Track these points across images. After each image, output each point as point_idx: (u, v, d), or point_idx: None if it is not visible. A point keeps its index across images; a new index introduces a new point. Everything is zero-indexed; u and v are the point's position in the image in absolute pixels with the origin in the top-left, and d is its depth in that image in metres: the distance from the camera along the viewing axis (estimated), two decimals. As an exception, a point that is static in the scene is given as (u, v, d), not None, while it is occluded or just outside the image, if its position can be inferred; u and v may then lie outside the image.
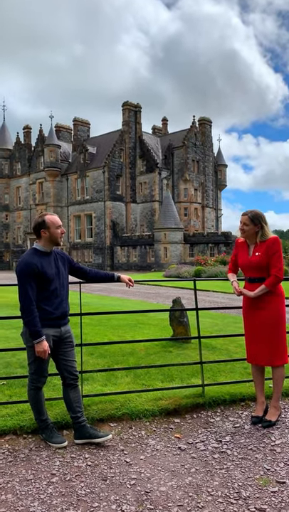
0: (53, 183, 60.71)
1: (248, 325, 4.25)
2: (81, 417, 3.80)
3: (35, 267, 3.56)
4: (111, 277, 4.15)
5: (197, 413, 4.39)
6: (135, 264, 51.27)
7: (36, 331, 3.54)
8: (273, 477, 3.19)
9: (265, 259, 4.00)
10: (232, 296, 16.76)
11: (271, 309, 4.06)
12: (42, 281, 3.62)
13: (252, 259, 4.08)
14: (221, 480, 3.17)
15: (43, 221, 3.70)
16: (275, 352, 4.07)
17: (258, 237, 4.04)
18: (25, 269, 3.56)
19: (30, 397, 3.81)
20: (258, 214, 4.06)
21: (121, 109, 57.75)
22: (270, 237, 4.02)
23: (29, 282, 3.56)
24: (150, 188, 56.20)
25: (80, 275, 4.09)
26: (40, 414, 3.80)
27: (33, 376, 3.75)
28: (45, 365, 3.74)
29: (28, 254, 3.68)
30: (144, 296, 17.24)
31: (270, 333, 4.06)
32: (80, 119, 65.55)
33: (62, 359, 3.80)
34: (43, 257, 3.68)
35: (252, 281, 4.13)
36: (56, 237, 3.73)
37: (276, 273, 3.96)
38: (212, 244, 46.46)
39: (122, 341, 5.04)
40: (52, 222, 3.71)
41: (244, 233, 4.09)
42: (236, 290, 4.20)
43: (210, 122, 61.97)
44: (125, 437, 3.90)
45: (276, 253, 3.98)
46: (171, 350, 6.37)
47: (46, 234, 3.69)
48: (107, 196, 54.84)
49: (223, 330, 8.18)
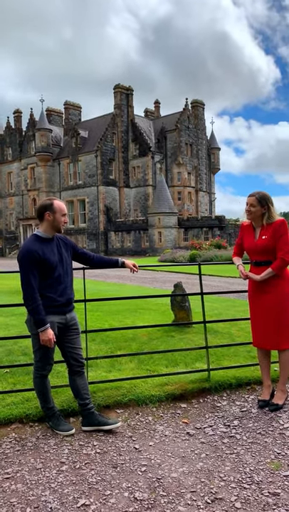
0: (44, 168, 60.04)
1: (253, 309, 4.20)
2: (89, 404, 3.76)
3: (36, 254, 3.47)
4: (115, 263, 4.07)
5: (203, 398, 4.37)
6: (129, 249, 51.16)
7: (40, 319, 3.46)
8: (285, 461, 3.18)
9: (272, 242, 3.93)
10: (228, 280, 16.79)
11: (278, 293, 4.01)
12: (45, 269, 3.53)
13: (258, 242, 4.01)
14: (232, 465, 3.15)
15: (51, 204, 3.60)
16: (282, 335, 4.03)
17: (264, 219, 3.96)
18: (27, 257, 3.46)
19: (36, 385, 3.76)
20: (265, 195, 3.98)
21: (112, 93, 56.91)
22: (276, 220, 3.95)
23: (31, 270, 3.47)
24: (143, 173, 55.78)
25: (84, 261, 4.00)
26: (47, 402, 3.76)
27: (39, 364, 3.69)
28: (50, 353, 3.68)
29: (30, 240, 3.58)
30: (141, 281, 17.20)
31: (277, 317, 4.01)
32: (71, 103, 64.56)
33: (68, 346, 3.74)
34: (44, 243, 3.58)
35: (258, 265, 4.07)
36: (59, 223, 3.63)
37: (283, 256, 3.90)
38: (206, 229, 46.41)
39: (128, 327, 4.99)
40: (59, 207, 3.61)
41: (250, 215, 4.01)
42: (242, 274, 4.14)
43: (203, 105, 61.34)
44: (133, 423, 3.87)
45: (283, 235, 3.91)
46: (173, 334, 6.34)
47: (50, 217, 3.58)
48: (99, 181, 54.38)
49: (224, 314, 8.17)
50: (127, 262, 4.06)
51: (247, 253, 4.22)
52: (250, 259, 4.19)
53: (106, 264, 4.08)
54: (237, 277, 17.32)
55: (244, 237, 4.19)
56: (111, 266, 4.09)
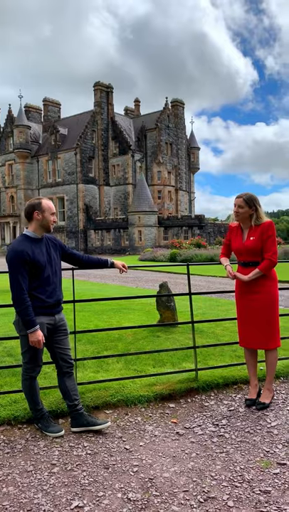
0: (23, 165, 59.34)
1: (241, 309, 4.25)
2: (78, 405, 3.75)
3: (26, 255, 3.43)
4: (104, 263, 4.06)
5: (191, 397, 4.41)
6: (109, 248, 51.06)
7: (29, 320, 3.43)
8: (273, 459, 3.24)
9: (259, 243, 3.98)
10: (209, 279, 16.94)
11: (265, 293, 4.07)
12: (34, 269, 3.49)
13: (246, 243, 4.06)
14: (223, 464, 3.20)
15: (40, 203, 3.57)
16: (269, 335, 4.10)
17: (252, 220, 4.02)
18: (16, 257, 3.42)
19: (24, 386, 3.72)
20: (252, 196, 4.04)
21: (92, 90, 56.63)
22: (265, 221, 4.01)
23: (20, 270, 3.43)
24: (123, 171, 55.71)
25: (73, 261, 3.98)
26: (36, 404, 3.73)
27: (27, 365, 3.66)
28: (39, 355, 3.65)
29: (19, 241, 3.54)
30: (123, 281, 17.18)
31: (264, 317, 4.08)
32: (51, 100, 63.99)
33: (57, 347, 3.72)
34: (34, 243, 3.55)
35: (246, 265, 4.12)
36: (48, 223, 3.60)
37: (270, 257, 3.96)
38: (186, 228, 46.70)
39: (116, 328, 4.98)
40: (48, 206, 3.58)
41: (238, 216, 4.06)
42: (230, 274, 4.18)
43: (182, 104, 61.65)
44: (122, 424, 3.88)
45: (270, 237, 3.97)
46: (159, 334, 6.37)
47: (40, 217, 3.55)
48: (79, 179, 54.07)
49: (208, 313, 8.25)
50: (117, 263, 4.06)
51: (235, 254, 4.27)
52: (238, 260, 4.24)
53: (95, 265, 4.07)
54: (218, 276, 17.51)
55: (232, 238, 4.24)
56: (100, 266, 4.08)
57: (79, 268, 4.09)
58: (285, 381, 4.78)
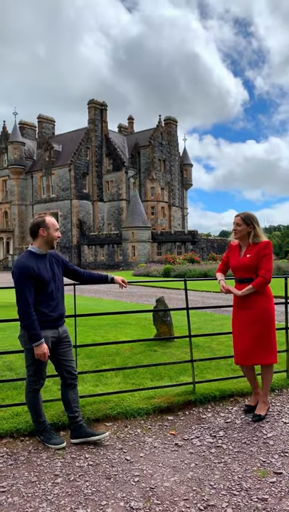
0: (17, 181, 59.63)
1: (236, 324, 4.35)
2: (78, 417, 3.84)
3: (32, 270, 3.56)
4: (104, 279, 4.20)
5: (189, 410, 4.51)
6: (103, 263, 51.15)
7: (35, 334, 3.55)
8: (270, 468, 3.35)
9: (255, 260, 4.13)
10: (203, 294, 17.08)
11: (258, 309, 4.18)
12: (39, 284, 3.62)
13: (242, 260, 4.21)
14: (221, 473, 3.30)
15: (43, 220, 3.71)
16: (265, 351, 4.20)
17: (250, 238, 4.17)
18: (23, 272, 3.55)
19: (28, 399, 3.81)
20: (250, 215, 4.21)
21: (86, 108, 57.40)
22: (263, 241, 4.16)
23: (27, 285, 3.55)
24: (117, 187, 56.19)
25: (75, 277, 4.11)
26: (38, 417, 3.81)
27: (32, 378, 3.76)
28: (43, 368, 3.76)
29: (25, 256, 3.67)
30: (117, 296, 17.27)
31: (257, 332, 4.18)
32: (45, 116, 64.66)
33: (62, 359, 3.82)
34: (38, 259, 3.68)
35: (241, 282, 4.26)
36: (53, 239, 3.75)
37: (264, 274, 4.09)
38: (179, 243, 46.99)
39: (115, 342, 5.10)
40: (52, 223, 3.73)
41: (237, 234, 4.22)
42: (224, 288, 4.31)
43: (176, 122, 62.57)
44: (122, 436, 3.97)
45: (267, 255, 4.12)
46: (156, 349, 6.47)
47: (45, 233, 3.69)
48: (73, 195, 54.40)
49: (203, 328, 8.37)
50: (116, 278, 4.19)
51: (232, 270, 4.41)
52: (235, 276, 4.38)
53: (96, 281, 4.20)
54: (212, 291, 17.66)
55: (230, 255, 4.39)
56: (100, 282, 4.22)
57: (80, 284, 4.22)
58: (280, 394, 4.90)
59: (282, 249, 79.68)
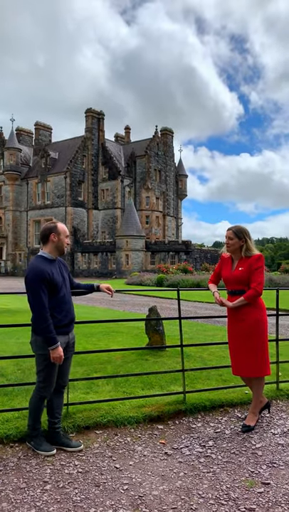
0: (12, 187, 59.59)
1: (231, 336, 4.40)
2: (58, 424, 3.89)
3: (46, 274, 3.59)
4: (91, 288, 4.23)
5: (179, 419, 4.53)
6: (96, 271, 51.08)
7: (51, 337, 3.57)
8: (258, 479, 3.38)
9: (247, 273, 4.18)
10: (196, 304, 17.13)
11: (250, 321, 4.23)
12: (52, 289, 3.65)
13: (235, 273, 4.26)
14: (210, 483, 3.32)
15: (55, 226, 3.77)
16: (256, 363, 4.24)
17: (242, 251, 4.23)
18: (38, 277, 3.57)
19: (33, 404, 3.80)
20: (241, 228, 4.27)
21: (84, 117, 57.69)
22: (255, 254, 4.22)
23: (42, 289, 3.57)
24: (112, 195, 56.35)
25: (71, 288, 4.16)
26: (36, 423, 3.82)
27: (42, 384, 3.76)
28: (54, 373, 3.76)
29: (38, 261, 3.69)
30: (110, 304, 17.26)
31: (249, 344, 4.22)
32: (42, 124, 64.83)
33: (62, 365, 3.84)
34: (50, 264, 3.72)
35: (233, 294, 4.30)
36: (63, 245, 3.79)
37: (255, 287, 4.14)
38: (173, 253, 47.09)
39: (107, 350, 5.12)
40: (63, 229, 3.79)
41: (229, 247, 4.28)
42: (218, 300, 4.36)
43: (172, 133, 63.03)
44: (112, 444, 3.98)
45: (258, 269, 4.18)
46: (148, 358, 6.50)
47: (56, 239, 3.73)
48: (68, 202, 54.44)
49: (194, 338, 8.40)
50: (102, 286, 4.22)
51: (224, 282, 4.46)
52: (227, 288, 4.43)
53: (82, 292, 4.24)
54: (204, 302, 17.71)
55: (223, 267, 4.44)
56: (87, 292, 4.26)
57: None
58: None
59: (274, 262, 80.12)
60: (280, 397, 5.10)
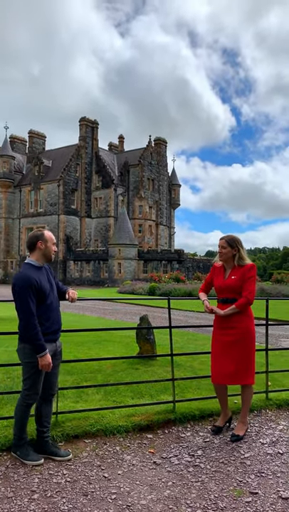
0: (5, 194, 59.49)
1: (216, 343, 4.41)
2: (47, 432, 3.87)
3: (34, 282, 3.60)
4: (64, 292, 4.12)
5: (169, 428, 4.53)
6: (88, 279, 50.97)
7: (40, 344, 3.58)
8: (246, 488, 3.39)
9: (239, 282, 4.23)
10: (187, 314, 17.14)
11: (241, 328, 4.27)
12: (40, 296, 3.66)
13: (227, 281, 4.30)
14: (198, 492, 3.33)
15: (42, 234, 3.80)
16: (245, 371, 4.27)
17: (235, 260, 4.28)
18: (26, 284, 3.58)
19: (18, 412, 3.78)
20: (234, 238, 4.33)
21: (77, 128, 57.98)
22: (247, 263, 4.27)
23: (30, 297, 3.58)
24: (106, 204, 56.45)
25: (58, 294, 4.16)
26: (22, 432, 3.81)
27: (27, 392, 3.75)
28: (40, 382, 3.76)
29: (26, 269, 3.71)
30: (102, 313, 17.22)
31: (239, 352, 4.25)
32: (36, 132, 64.98)
33: (49, 373, 3.83)
34: (38, 271, 3.74)
35: (225, 302, 4.33)
36: (50, 252, 3.81)
37: (247, 295, 4.20)
38: (165, 262, 47.16)
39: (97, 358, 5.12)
40: (50, 237, 3.81)
41: (222, 256, 4.33)
42: (208, 308, 4.38)
43: (165, 143, 63.46)
44: (101, 453, 3.97)
45: (251, 278, 4.23)
46: (138, 367, 6.49)
47: (43, 246, 3.76)
48: (61, 210, 54.43)
49: (185, 347, 8.41)
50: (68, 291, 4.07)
51: (215, 291, 4.49)
52: (218, 297, 4.46)
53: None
54: (195, 311, 17.73)
55: (214, 276, 4.48)
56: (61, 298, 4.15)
57: None
58: (258, 415, 4.96)
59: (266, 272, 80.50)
60: (269, 406, 5.13)
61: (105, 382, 5.54)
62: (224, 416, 4.47)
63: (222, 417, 4.48)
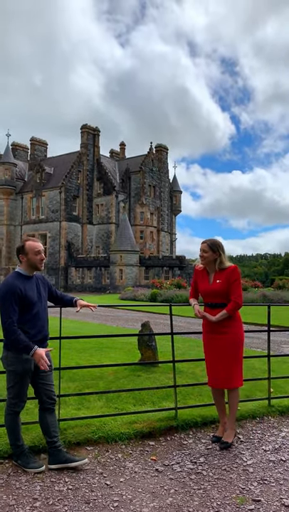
0: (6, 201, 59.68)
1: (208, 349, 4.40)
2: (57, 442, 3.83)
3: (18, 290, 3.63)
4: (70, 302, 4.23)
5: (171, 435, 4.52)
6: (90, 286, 50.97)
7: (26, 345, 3.58)
8: (249, 496, 3.37)
9: (225, 286, 4.23)
10: (189, 320, 17.09)
11: (232, 333, 4.27)
12: (24, 305, 3.68)
13: (213, 286, 4.29)
14: (200, 500, 3.31)
15: (22, 246, 3.81)
16: (232, 375, 4.27)
17: (216, 264, 4.29)
18: (9, 291, 3.61)
19: (7, 422, 3.79)
20: (216, 242, 4.34)
21: (78, 136, 58.29)
22: (229, 266, 4.28)
23: (12, 304, 3.60)
24: (107, 210, 56.59)
25: (57, 301, 4.18)
26: (16, 440, 3.79)
27: (12, 401, 3.75)
28: (25, 390, 3.76)
29: (12, 277, 3.75)
30: (103, 319, 17.21)
31: (230, 357, 4.25)
32: (38, 139, 65.35)
33: (42, 383, 3.83)
34: (25, 280, 3.76)
35: (213, 307, 4.32)
36: (35, 263, 3.82)
37: (236, 299, 4.20)
38: (167, 268, 47.17)
39: (99, 365, 5.11)
40: (30, 247, 3.79)
41: (204, 260, 4.34)
42: (199, 313, 4.35)
43: (166, 149, 63.72)
44: (103, 460, 3.96)
45: (236, 281, 4.25)
46: (140, 373, 6.48)
47: (24, 259, 3.80)
48: (63, 216, 54.57)
49: (187, 353, 8.40)
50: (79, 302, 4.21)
51: (202, 295, 4.48)
52: (204, 302, 4.44)
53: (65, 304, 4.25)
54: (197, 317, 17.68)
55: (198, 280, 4.47)
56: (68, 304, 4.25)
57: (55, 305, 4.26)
58: (261, 421, 4.94)
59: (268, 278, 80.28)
60: (272, 413, 5.11)
61: (107, 389, 5.53)
62: (223, 424, 4.44)
63: (221, 426, 4.45)
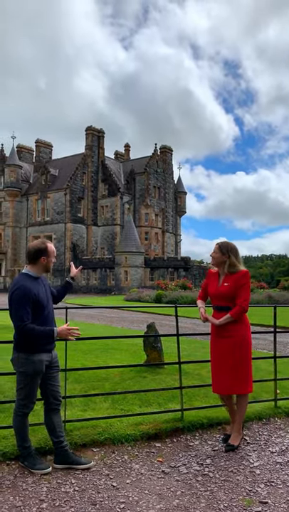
0: (12, 203, 59.95)
1: (214, 353, 4.36)
2: (64, 442, 3.84)
3: (31, 293, 3.61)
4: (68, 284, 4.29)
5: (177, 437, 4.51)
6: (95, 287, 51.04)
7: (46, 332, 3.61)
8: (256, 498, 3.35)
9: (233, 289, 4.18)
10: (195, 321, 17.06)
11: (238, 337, 4.21)
12: (37, 307, 3.66)
13: (220, 288, 4.26)
14: (207, 502, 3.30)
15: (46, 248, 3.77)
16: (240, 380, 4.21)
17: (225, 267, 4.25)
18: (23, 294, 3.58)
19: (16, 423, 3.79)
20: (228, 245, 4.30)
21: (83, 138, 58.51)
22: (240, 270, 4.23)
23: (26, 306, 3.58)
24: (112, 212, 56.69)
25: (55, 300, 4.17)
26: (24, 441, 3.79)
27: (22, 402, 3.75)
28: (35, 391, 3.76)
29: (23, 279, 3.70)
30: (108, 321, 17.22)
31: (236, 362, 4.19)
32: (43, 141, 65.63)
33: (50, 384, 3.84)
34: (34, 282, 3.74)
35: (219, 310, 4.28)
36: (50, 266, 3.84)
37: (241, 303, 4.14)
38: (172, 269, 47.14)
39: (105, 366, 5.12)
40: (53, 251, 3.82)
41: (212, 261, 4.33)
42: (202, 316, 4.32)
43: (171, 151, 63.77)
44: (109, 462, 3.96)
45: (244, 285, 4.19)
46: (146, 375, 6.47)
47: (45, 261, 3.77)
48: (68, 218, 54.73)
49: (192, 355, 8.38)
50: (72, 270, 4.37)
51: (210, 298, 4.45)
52: (212, 304, 4.41)
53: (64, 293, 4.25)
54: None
55: (209, 283, 4.45)
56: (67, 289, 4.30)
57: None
58: (267, 423, 4.92)
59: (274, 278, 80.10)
60: (278, 414, 5.09)
61: (113, 391, 5.53)
62: (234, 423, 4.42)
63: (232, 425, 4.43)
